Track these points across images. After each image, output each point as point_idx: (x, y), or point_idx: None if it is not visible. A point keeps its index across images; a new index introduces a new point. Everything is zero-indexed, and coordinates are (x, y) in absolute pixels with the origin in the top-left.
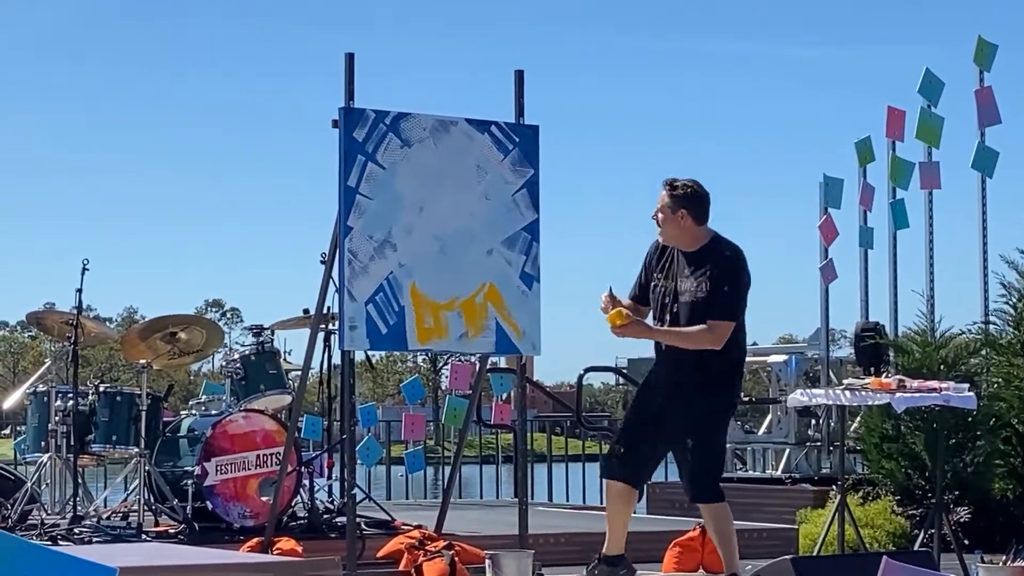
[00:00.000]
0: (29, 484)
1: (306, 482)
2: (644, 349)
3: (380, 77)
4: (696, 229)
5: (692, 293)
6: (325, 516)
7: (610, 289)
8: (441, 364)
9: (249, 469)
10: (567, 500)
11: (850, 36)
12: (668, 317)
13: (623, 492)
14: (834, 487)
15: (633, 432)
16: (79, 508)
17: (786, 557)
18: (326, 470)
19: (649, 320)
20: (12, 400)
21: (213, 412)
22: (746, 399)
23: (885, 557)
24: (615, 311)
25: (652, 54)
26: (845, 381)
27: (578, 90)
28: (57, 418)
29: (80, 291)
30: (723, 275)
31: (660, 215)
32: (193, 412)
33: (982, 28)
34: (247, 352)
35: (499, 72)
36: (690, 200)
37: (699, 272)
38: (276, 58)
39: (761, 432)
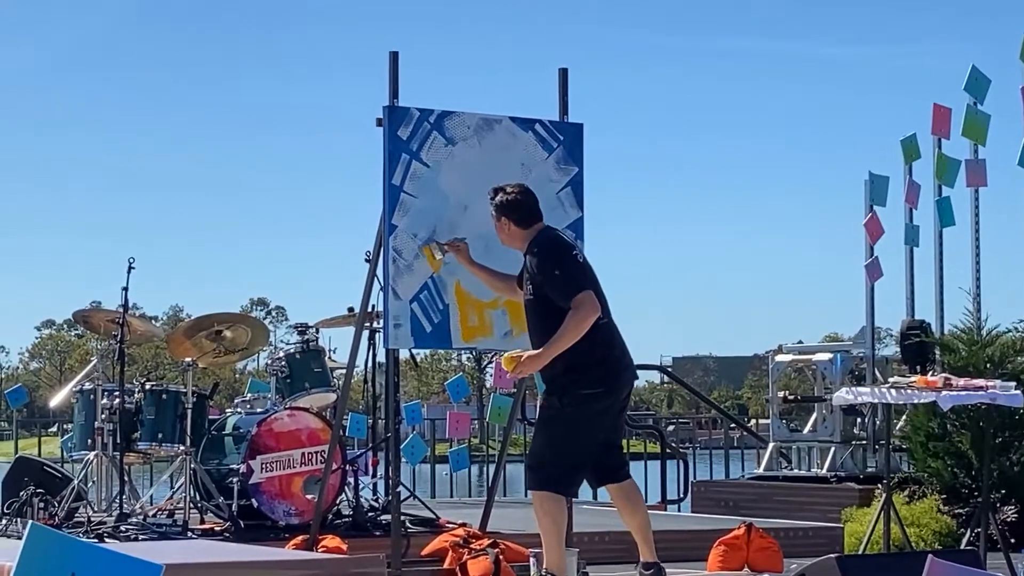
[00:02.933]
0: (76, 482)
1: (351, 480)
2: (688, 348)
3: (424, 76)
4: (522, 233)
5: (528, 292)
6: (370, 514)
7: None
8: (486, 362)
9: (294, 467)
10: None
11: (896, 34)
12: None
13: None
14: (880, 486)
15: None
16: (125, 506)
17: (831, 556)
18: (371, 468)
19: None
20: (59, 398)
21: (258, 410)
22: (791, 397)
23: (930, 556)
24: (505, 356)
25: (696, 53)
26: (891, 379)
27: (622, 88)
28: (103, 416)
29: (126, 290)
30: (543, 264)
31: (495, 226)
32: (238, 410)
33: None
34: (292, 350)
35: (543, 70)
36: (508, 207)
37: (528, 273)
38: (319, 57)
39: (806, 430)
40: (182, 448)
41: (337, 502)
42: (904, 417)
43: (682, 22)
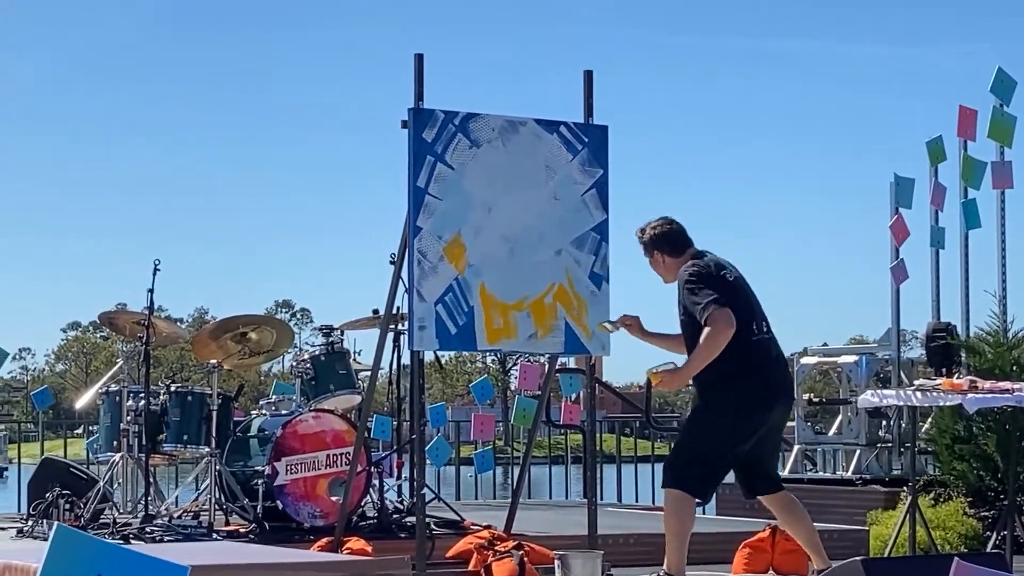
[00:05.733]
0: (102, 483)
1: (376, 482)
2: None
3: (449, 78)
4: (676, 263)
5: (680, 312)
6: (395, 516)
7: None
8: (510, 365)
9: (319, 469)
10: (636, 501)
11: (921, 35)
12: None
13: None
14: (905, 488)
15: None
16: (151, 507)
17: (856, 559)
18: (395, 470)
19: None
20: (85, 400)
21: (283, 412)
22: (816, 400)
23: (956, 559)
24: (650, 371)
25: (721, 54)
26: (916, 382)
27: (646, 90)
28: (129, 418)
29: (151, 292)
30: (685, 284)
31: (649, 263)
32: (263, 412)
33: None
34: (317, 352)
35: (568, 72)
36: (659, 240)
37: (677, 295)
38: (343, 60)
39: (831, 433)
40: (207, 450)
41: (362, 504)
42: (929, 419)
43: (705, 23)
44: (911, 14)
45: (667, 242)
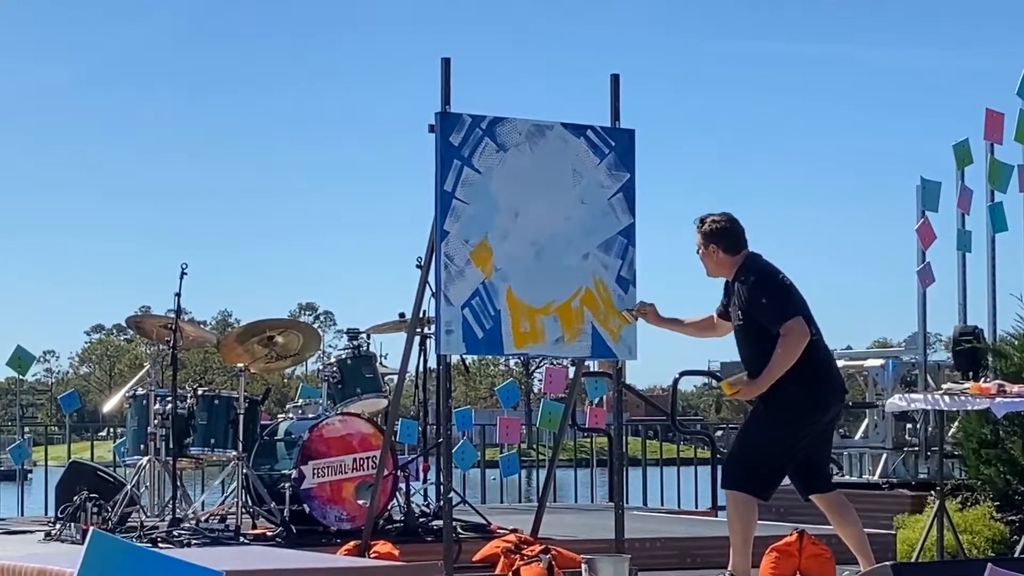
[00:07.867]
0: (129, 487)
1: (402, 485)
2: (737, 353)
3: (475, 82)
4: (730, 260)
5: (737, 318)
6: (421, 519)
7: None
8: (533, 368)
9: (346, 472)
10: (662, 504)
11: (948, 38)
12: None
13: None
14: (932, 492)
15: None
16: (178, 511)
17: (886, 563)
18: (421, 474)
19: None
20: (112, 403)
21: (310, 416)
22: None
23: (990, 564)
24: (723, 383)
25: (746, 58)
26: (944, 386)
27: (674, 94)
28: (156, 421)
29: (179, 295)
30: (753, 292)
31: (699, 252)
32: (290, 415)
33: None
34: (344, 356)
35: (594, 76)
36: (718, 234)
37: (736, 300)
38: (369, 63)
39: (858, 437)
40: (234, 453)
41: (388, 508)
42: (956, 423)
43: (731, 27)
44: (938, 17)
45: (726, 238)
